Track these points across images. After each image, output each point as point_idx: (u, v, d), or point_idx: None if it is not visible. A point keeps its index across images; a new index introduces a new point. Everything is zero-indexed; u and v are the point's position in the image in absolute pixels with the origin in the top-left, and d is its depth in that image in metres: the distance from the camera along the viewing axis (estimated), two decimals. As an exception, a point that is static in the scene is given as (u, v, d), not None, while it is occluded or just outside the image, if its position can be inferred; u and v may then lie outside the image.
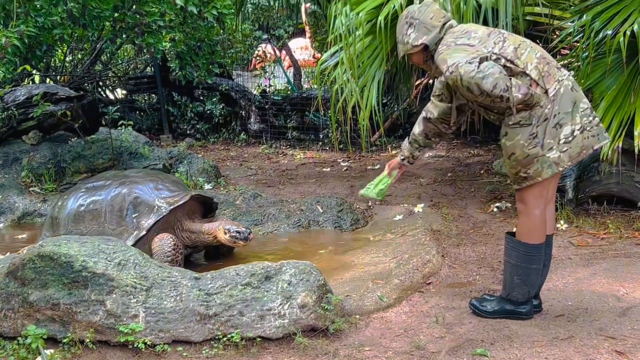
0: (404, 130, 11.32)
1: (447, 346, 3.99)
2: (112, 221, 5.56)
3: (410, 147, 4.66)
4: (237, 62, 12.91)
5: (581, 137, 3.99)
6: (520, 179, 4.10)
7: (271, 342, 4.04)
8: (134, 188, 5.66)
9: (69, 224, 5.69)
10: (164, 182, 5.86)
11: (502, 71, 3.88)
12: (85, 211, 5.67)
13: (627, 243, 5.81)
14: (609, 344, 3.97)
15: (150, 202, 5.58)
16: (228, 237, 5.55)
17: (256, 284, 4.12)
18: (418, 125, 4.60)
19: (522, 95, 3.91)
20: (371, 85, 7.29)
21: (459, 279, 5.18)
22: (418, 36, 4.26)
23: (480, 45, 4.04)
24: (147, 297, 4.01)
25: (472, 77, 3.83)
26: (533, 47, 4.10)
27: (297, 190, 8.17)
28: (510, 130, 4.05)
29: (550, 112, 3.97)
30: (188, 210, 5.83)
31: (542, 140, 3.98)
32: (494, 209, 6.98)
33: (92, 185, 5.90)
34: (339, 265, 5.57)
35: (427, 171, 9.08)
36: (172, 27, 7.05)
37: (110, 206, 5.60)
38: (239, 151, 11.09)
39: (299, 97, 11.62)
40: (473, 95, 3.92)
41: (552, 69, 4.04)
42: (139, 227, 5.48)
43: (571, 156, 4.00)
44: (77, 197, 5.80)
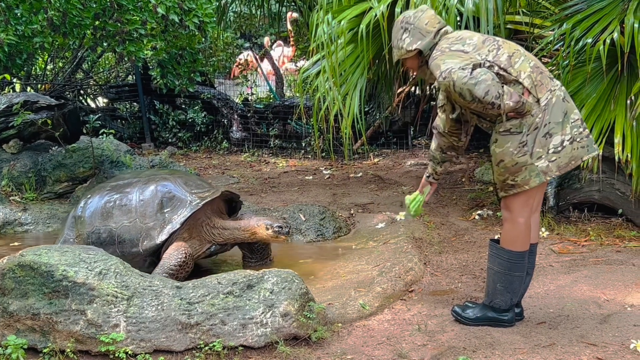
0: (386, 138, 11.34)
1: (430, 354, 3.99)
2: (144, 215, 5.48)
3: (431, 163, 4.65)
4: (219, 70, 12.90)
5: (570, 147, 4.02)
6: (508, 186, 4.11)
7: (253, 351, 4.03)
8: (164, 184, 5.60)
9: (95, 221, 5.60)
10: (192, 179, 5.81)
11: (495, 78, 3.90)
12: (114, 207, 5.58)
13: (608, 250, 5.84)
14: (590, 351, 3.98)
15: (182, 196, 5.51)
16: (271, 232, 5.52)
17: (238, 292, 4.11)
18: (433, 141, 4.61)
19: (513, 103, 3.92)
20: (353, 94, 7.30)
21: (441, 287, 5.18)
22: (412, 41, 4.27)
23: (474, 52, 4.07)
24: (128, 307, 3.99)
25: (464, 83, 3.85)
26: (527, 56, 4.12)
27: (280, 198, 8.16)
28: (500, 138, 4.07)
29: (541, 122, 3.99)
30: (216, 208, 5.80)
31: (531, 149, 4.00)
32: (475, 217, 7.00)
33: (117, 183, 5.81)
34: (322, 274, 5.57)
35: (409, 179, 9.09)
36: (153, 35, 7.03)
37: (141, 201, 5.52)
38: (221, 159, 11.06)
39: (281, 106, 11.62)
40: (465, 101, 3.94)
41: (544, 79, 4.06)
42: (171, 221, 5.41)
43: (559, 166, 4.02)
44: (103, 195, 5.71)
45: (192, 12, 7.03)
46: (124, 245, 5.45)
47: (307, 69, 7.80)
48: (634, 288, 4.96)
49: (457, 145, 4.52)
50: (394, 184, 8.81)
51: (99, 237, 5.53)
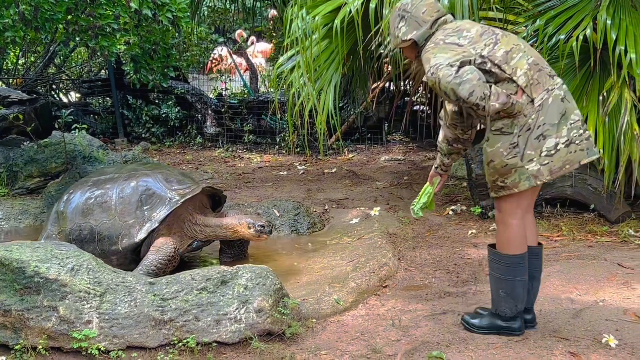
0: (360, 133, 11.36)
1: (404, 349, 4.00)
2: (123, 213, 5.45)
3: (439, 155, 4.50)
4: (193, 65, 12.84)
5: (566, 150, 3.83)
6: (497, 187, 3.99)
7: (227, 347, 4.02)
8: (144, 180, 5.57)
9: (76, 217, 5.58)
10: (173, 174, 5.77)
11: (482, 78, 3.75)
12: (94, 204, 5.56)
13: (580, 245, 5.89)
14: (563, 346, 4.01)
15: (162, 193, 5.49)
16: (253, 231, 5.53)
17: (212, 288, 4.09)
18: (440, 132, 4.44)
19: (500, 105, 3.76)
20: (328, 89, 7.30)
21: (415, 282, 5.20)
22: (408, 31, 4.12)
23: (469, 45, 3.91)
24: (101, 303, 3.96)
25: (448, 82, 3.72)
26: (527, 51, 3.93)
27: (254, 193, 8.15)
28: (492, 137, 3.92)
29: (534, 123, 3.82)
30: (199, 203, 5.77)
31: (522, 151, 3.84)
32: (449, 212, 7.03)
33: (99, 178, 5.79)
34: (296, 269, 5.57)
35: (383, 175, 9.11)
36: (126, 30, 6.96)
37: (120, 198, 5.50)
38: (195, 155, 11.02)
39: (255, 101, 11.60)
40: (450, 99, 3.82)
41: (542, 77, 3.88)
42: (150, 219, 5.39)
43: (552, 170, 3.85)
44: (85, 191, 5.68)
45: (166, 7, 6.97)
46: (104, 243, 5.43)
47: (281, 64, 7.79)
48: (605, 283, 5.00)
49: (463, 138, 4.33)
50: (368, 180, 8.83)
51: (80, 234, 5.50)
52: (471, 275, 5.28)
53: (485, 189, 6.71)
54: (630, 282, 4.98)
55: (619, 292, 4.82)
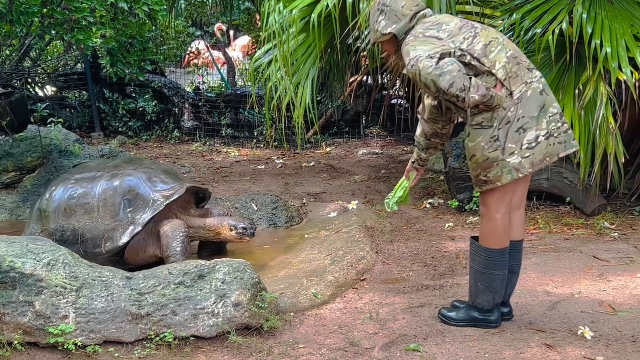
0: (338, 127, 11.36)
1: (381, 342, 4.01)
2: (105, 216, 5.41)
3: (416, 149, 4.46)
4: (170, 59, 12.78)
5: (546, 143, 3.84)
6: (481, 182, 3.97)
7: (205, 341, 4.01)
8: (127, 180, 5.52)
9: (59, 218, 5.53)
10: (157, 172, 5.69)
11: (461, 69, 3.75)
12: (77, 205, 5.51)
13: (556, 238, 5.93)
14: (539, 337, 4.04)
15: (145, 195, 5.45)
16: (235, 233, 5.50)
17: (189, 282, 4.08)
18: (418, 126, 4.41)
19: (479, 97, 3.74)
20: (305, 83, 7.29)
21: (392, 275, 5.21)
22: (387, 24, 4.10)
23: (448, 39, 3.90)
24: (77, 298, 3.94)
25: (429, 73, 3.71)
26: (505, 45, 3.93)
27: (232, 187, 8.13)
28: (472, 131, 3.92)
29: (514, 116, 3.82)
30: (182, 202, 5.73)
31: (503, 144, 3.83)
32: (426, 206, 7.05)
33: (81, 176, 5.71)
34: (274, 263, 5.57)
35: (361, 168, 9.13)
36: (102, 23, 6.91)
37: (103, 200, 5.45)
38: (172, 149, 10.98)
39: (233, 94, 11.56)
40: (431, 91, 3.82)
41: (521, 70, 3.89)
42: (134, 222, 5.36)
43: (533, 163, 3.85)
44: (67, 189, 5.62)
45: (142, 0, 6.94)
46: (87, 245, 5.40)
47: (258, 58, 7.77)
48: (581, 275, 5.04)
49: (441, 133, 4.30)
50: (346, 173, 8.84)
51: (63, 235, 5.47)
52: (448, 268, 5.31)
53: (462, 182, 6.74)
54: (605, 275, 5.02)
55: (595, 284, 4.86)
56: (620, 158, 5.85)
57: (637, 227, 6.12)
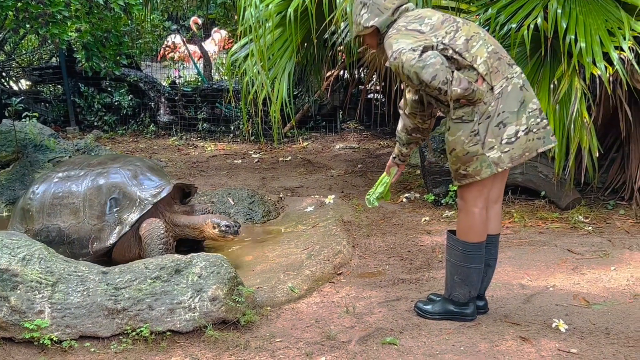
0: (315, 122, 11.37)
1: (358, 335, 4.03)
2: (92, 216, 5.36)
3: (397, 144, 4.46)
4: (146, 53, 12.74)
5: (525, 138, 3.87)
6: (460, 176, 3.99)
7: (182, 335, 4.01)
8: (113, 178, 5.46)
9: (44, 218, 5.47)
10: (143, 170, 5.63)
11: (444, 63, 3.75)
12: (62, 205, 5.44)
13: (531, 232, 5.97)
14: (514, 331, 4.07)
15: (132, 194, 5.40)
16: (217, 231, 5.44)
17: (166, 277, 4.07)
18: (399, 121, 4.41)
19: (461, 90, 3.76)
20: (282, 77, 7.29)
21: (369, 269, 5.23)
22: (370, 17, 4.09)
23: (430, 33, 3.91)
24: (53, 293, 3.92)
25: (412, 65, 3.71)
26: (486, 40, 3.95)
27: (208, 182, 8.11)
28: (452, 125, 3.93)
29: (494, 110, 3.85)
30: (168, 199, 5.67)
31: (483, 139, 3.85)
32: (403, 200, 7.08)
33: (65, 174, 5.62)
34: (250, 258, 5.57)
35: (338, 163, 9.14)
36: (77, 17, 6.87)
37: (89, 200, 5.40)
38: (148, 143, 10.93)
39: (209, 89, 11.53)
40: (413, 84, 3.82)
41: (502, 65, 3.91)
42: (121, 222, 5.32)
43: (512, 157, 3.87)
44: (50, 188, 5.53)
45: (118, -6, 6.91)
46: (74, 246, 5.36)
47: (235, 52, 7.75)
48: (556, 268, 5.08)
49: (422, 128, 4.31)
50: (323, 168, 8.85)
51: (49, 236, 5.41)
52: (424, 262, 5.33)
53: (438, 176, 6.77)
54: (579, 268, 5.07)
55: (569, 277, 4.91)
56: (594, 152, 5.91)
57: (611, 220, 6.18)
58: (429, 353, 3.81)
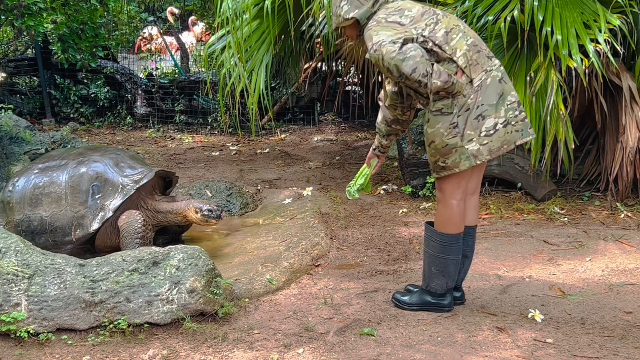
0: (292, 114, 11.36)
1: (336, 327, 4.04)
2: (74, 204, 5.31)
3: (377, 136, 4.47)
4: (122, 44, 12.66)
5: (504, 131, 3.88)
6: (439, 168, 4.00)
7: (159, 327, 4.00)
8: (94, 166, 5.42)
9: (25, 208, 5.41)
10: (124, 158, 5.61)
11: (424, 55, 3.76)
12: (43, 194, 5.38)
13: (508, 223, 6.01)
14: (490, 321, 4.10)
15: (114, 181, 5.36)
16: (200, 216, 5.41)
17: (143, 269, 4.06)
18: (379, 113, 4.42)
19: (441, 83, 3.77)
20: (259, 70, 7.27)
21: (347, 261, 5.24)
22: (350, 9, 4.07)
23: (410, 25, 3.90)
24: (30, 285, 3.90)
25: (392, 58, 3.71)
26: (466, 32, 3.95)
27: (186, 174, 8.09)
28: (432, 117, 3.94)
29: (474, 103, 3.86)
30: (150, 187, 5.64)
31: (462, 131, 3.86)
32: (381, 192, 7.09)
33: (45, 165, 5.58)
34: (229, 250, 5.57)
35: (316, 155, 9.14)
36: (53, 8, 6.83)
37: (70, 187, 5.34)
38: (125, 135, 10.88)
39: (186, 81, 11.49)
40: (393, 76, 3.82)
41: (481, 58, 3.92)
42: (103, 208, 5.28)
43: (491, 150, 3.89)
44: (30, 179, 5.48)
45: (94, -15, 6.86)
46: (56, 234, 5.31)
47: (212, 44, 7.73)
48: (532, 259, 5.12)
49: (402, 119, 4.33)
50: (300, 160, 8.85)
51: (30, 226, 5.36)
52: (402, 254, 5.35)
53: (415, 168, 6.79)
54: (555, 259, 5.11)
55: (545, 268, 4.95)
56: (570, 144, 5.95)
57: (586, 212, 6.23)
58: (407, 344, 3.83)
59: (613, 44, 5.87)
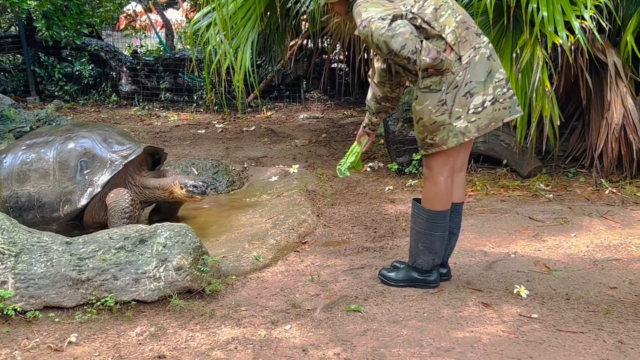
0: (278, 91, 11.34)
1: (323, 303, 4.05)
2: (62, 179, 5.27)
3: (367, 113, 4.45)
4: (106, 22, 12.58)
5: (492, 108, 3.87)
6: (427, 145, 3.99)
7: (147, 305, 4.00)
8: (82, 142, 5.39)
9: (12, 184, 5.36)
10: (112, 134, 5.57)
11: (414, 32, 3.73)
12: (31, 170, 5.34)
13: (493, 200, 6.04)
14: (476, 297, 4.12)
15: (103, 156, 5.34)
16: (185, 192, 5.40)
17: (130, 247, 4.06)
18: (369, 90, 4.40)
19: (430, 60, 3.75)
20: (245, 47, 7.24)
21: (333, 238, 5.25)
22: None
23: (399, 1, 3.88)
24: (16, 263, 3.89)
25: (381, 34, 3.68)
26: (455, 9, 3.92)
27: (172, 152, 8.07)
28: (420, 94, 3.92)
29: (462, 80, 3.85)
30: (137, 163, 5.61)
31: (450, 108, 3.84)
32: (367, 169, 7.10)
33: (32, 141, 5.54)
34: (215, 227, 5.56)
35: (302, 132, 9.14)
36: (37, -16, 6.78)
37: (58, 163, 5.31)
38: (110, 113, 10.83)
39: (171, 58, 11.43)
40: (382, 53, 3.79)
41: (470, 35, 3.91)
42: (92, 183, 5.25)
43: (479, 127, 3.87)
44: (17, 155, 5.44)
45: (78, -39, 6.80)
46: (44, 210, 5.28)
47: (197, 21, 7.68)
48: (517, 235, 5.15)
49: (391, 97, 4.31)
50: (287, 138, 8.84)
51: (18, 202, 5.33)
52: (388, 231, 5.37)
53: (401, 145, 6.80)
54: (540, 235, 5.14)
55: (530, 244, 4.98)
56: (555, 121, 5.97)
57: (571, 188, 6.26)
58: (393, 320, 3.85)
59: (599, 20, 5.88)
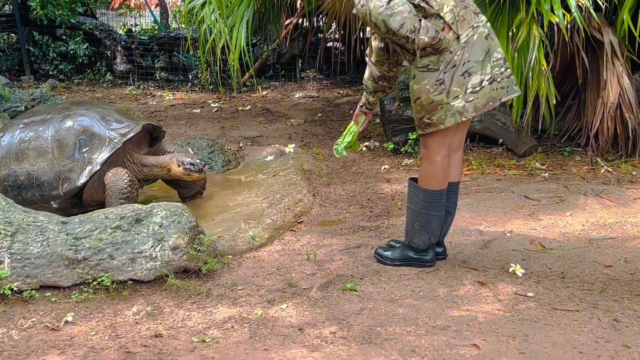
0: (274, 70, 11.30)
1: (319, 282, 4.07)
2: (61, 157, 5.26)
3: (364, 93, 4.41)
4: (101, 0, 12.52)
5: (490, 88, 3.87)
6: (424, 124, 3.98)
7: (143, 284, 4.01)
8: (80, 120, 5.37)
9: (10, 163, 5.34)
10: (110, 112, 5.55)
11: (412, 11, 3.72)
12: (29, 148, 5.33)
13: (489, 179, 6.04)
14: (472, 276, 4.14)
15: (102, 134, 5.31)
16: (182, 169, 5.40)
17: (126, 227, 4.06)
18: (366, 70, 4.34)
19: (428, 39, 3.73)
20: (240, 25, 7.21)
21: (329, 217, 5.26)
22: None
23: None
24: (12, 243, 3.89)
25: (379, 13, 3.66)
26: None
27: (167, 132, 7.98)
28: (418, 74, 3.91)
29: (460, 59, 3.84)
30: (136, 141, 5.59)
31: (448, 88, 3.83)
32: (363, 148, 7.10)
33: (30, 120, 5.52)
34: (211, 207, 5.57)
35: (298, 112, 9.12)
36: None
37: (57, 141, 5.29)
38: (105, 92, 10.79)
39: (166, 37, 11.37)
40: (380, 32, 3.77)
41: (468, 14, 3.88)
42: (91, 161, 5.23)
43: (477, 107, 3.88)
44: (15, 134, 5.42)
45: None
46: (43, 188, 5.27)
47: (192, 0, 7.64)
48: (513, 214, 5.16)
49: (389, 76, 4.24)
50: (282, 117, 8.82)
51: (17, 180, 5.31)
52: (384, 210, 5.38)
53: (397, 125, 6.80)
54: (536, 214, 5.15)
55: (526, 223, 4.99)
56: (551, 100, 5.96)
57: (567, 167, 6.27)
58: (389, 298, 3.86)
59: (595, -2, 5.87)
